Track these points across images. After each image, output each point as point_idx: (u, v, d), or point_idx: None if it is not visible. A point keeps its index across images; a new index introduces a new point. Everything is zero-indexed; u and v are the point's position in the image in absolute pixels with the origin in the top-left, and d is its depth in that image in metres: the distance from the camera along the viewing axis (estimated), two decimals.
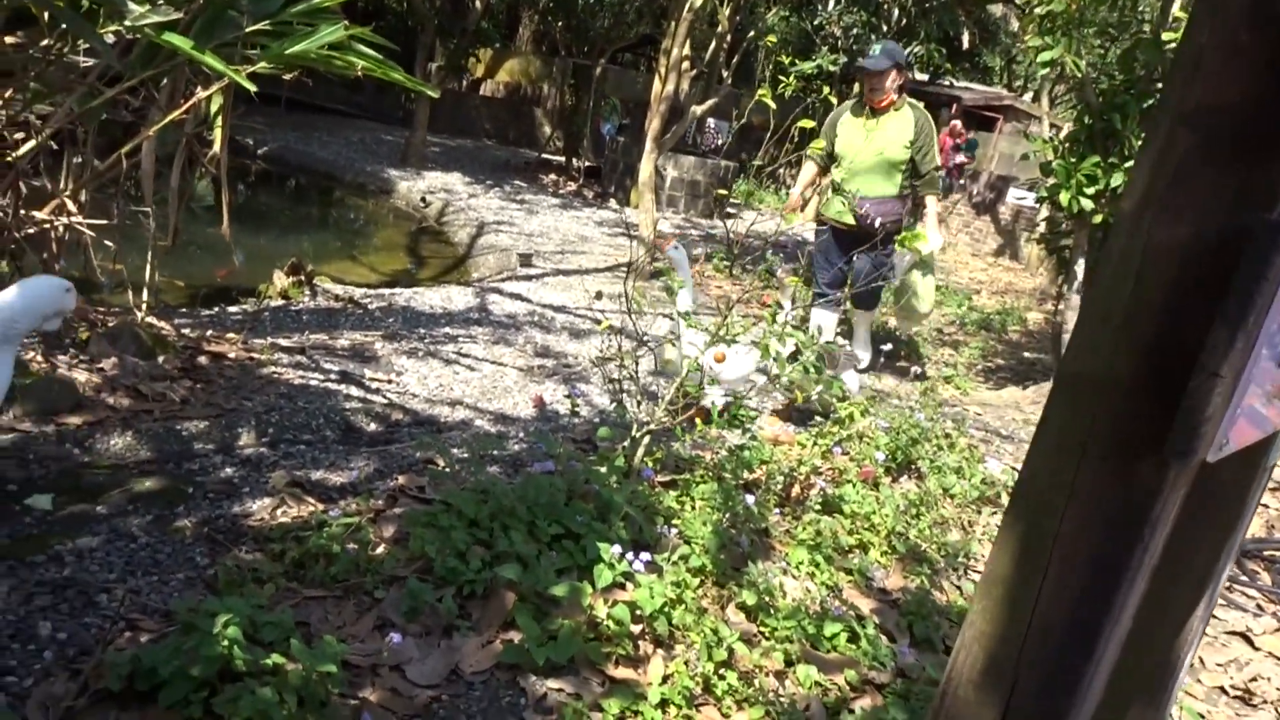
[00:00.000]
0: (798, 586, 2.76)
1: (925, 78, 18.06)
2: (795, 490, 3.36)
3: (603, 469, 2.86)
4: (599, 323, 3.74)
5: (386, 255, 8.68)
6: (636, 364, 3.31)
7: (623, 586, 2.43)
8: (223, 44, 3.25)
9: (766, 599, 2.54)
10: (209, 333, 4.24)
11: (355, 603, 2.27)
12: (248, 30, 3.28)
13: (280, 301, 5.39)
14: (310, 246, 8.51)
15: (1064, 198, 5.24)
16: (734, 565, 2.68)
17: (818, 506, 3.21)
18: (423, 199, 11.01)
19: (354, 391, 3.89)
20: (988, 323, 8.49)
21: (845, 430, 3.63)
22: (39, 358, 3.31)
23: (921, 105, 5.25)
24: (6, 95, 3.13)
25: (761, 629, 2.49)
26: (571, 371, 4.83)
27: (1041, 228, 7.25)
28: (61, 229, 3.61)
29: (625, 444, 3.11)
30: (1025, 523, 0.87)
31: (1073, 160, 5.26)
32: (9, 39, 3.15)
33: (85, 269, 4.00)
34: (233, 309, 5.05)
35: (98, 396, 3.19)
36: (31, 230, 3.49)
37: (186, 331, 4.14)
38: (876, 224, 4.99)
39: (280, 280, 5.59)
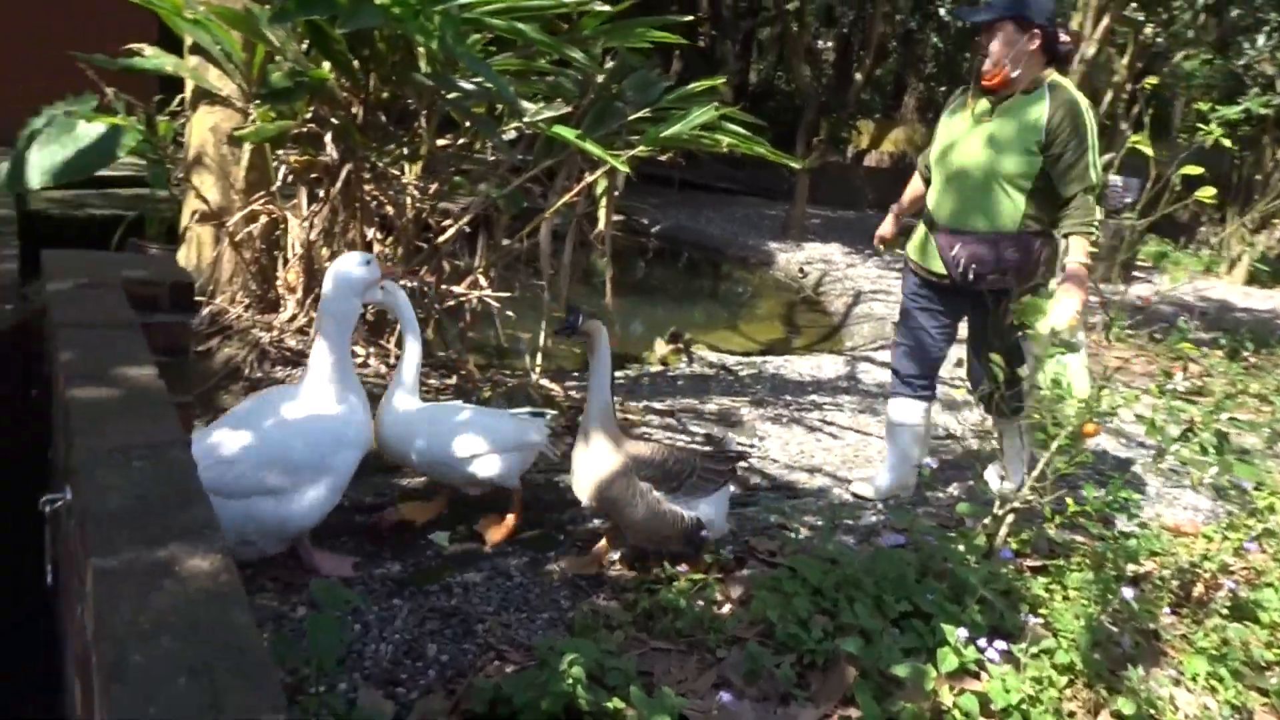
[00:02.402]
0: (1193, 702, 2.39)
1: None
2: (1196, 590, 2.93)
3: (960, 547, 2.70)
4: (972, 392, 3.55)
5: (763, 324, 8.93)
6: (1003, 436, 3.09)
7: (975, 675, 2.26)
8: (608, 132, 3.60)
9: (1150, 711, 2.23)
10: None
11: (697, 659, 2.32)
12: (630, 118, 3.61)
13: (659, 368, 5.74)
14: (699, 316, 9.00)
15: None
16: (1110, 668, 2.38)
17: (1225, 610, 2.76)
18: (800, 269, 11.21)
19: None
20: None
21: (1263, 522, 3.11)
22: None
23: (1074, 89, 3.23)
24: (435, 188, 3.69)
25: None
26: (939, 443, 4.62)
27: None
28: (475, 301, 4.15)
29: (987, 521, 2.91)
30: None
31: None
32: (440, 141, 3.73)
33: (493, 336, 4.55)
34: (616, 374, 5.46)
35: None
36: (451, 303, 4.06)
37: (574, 394, 4.53)
38: (970, 276, 3.26)
39: (660, 348, 5.98)
